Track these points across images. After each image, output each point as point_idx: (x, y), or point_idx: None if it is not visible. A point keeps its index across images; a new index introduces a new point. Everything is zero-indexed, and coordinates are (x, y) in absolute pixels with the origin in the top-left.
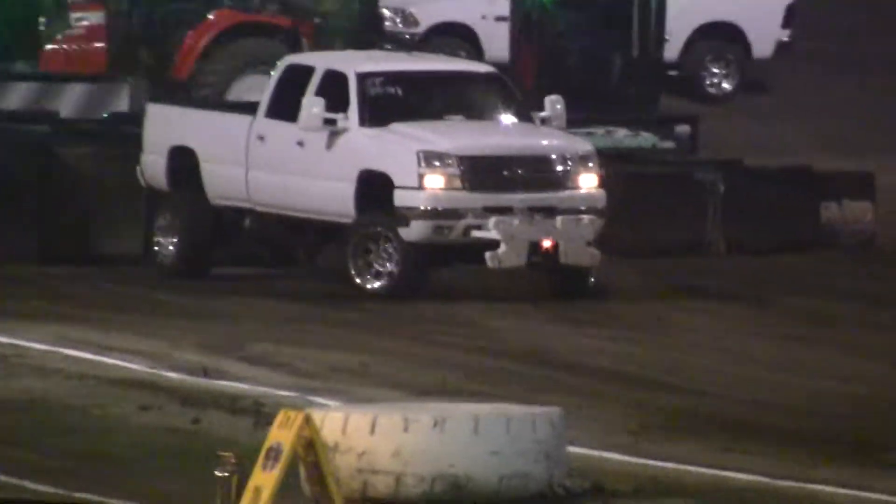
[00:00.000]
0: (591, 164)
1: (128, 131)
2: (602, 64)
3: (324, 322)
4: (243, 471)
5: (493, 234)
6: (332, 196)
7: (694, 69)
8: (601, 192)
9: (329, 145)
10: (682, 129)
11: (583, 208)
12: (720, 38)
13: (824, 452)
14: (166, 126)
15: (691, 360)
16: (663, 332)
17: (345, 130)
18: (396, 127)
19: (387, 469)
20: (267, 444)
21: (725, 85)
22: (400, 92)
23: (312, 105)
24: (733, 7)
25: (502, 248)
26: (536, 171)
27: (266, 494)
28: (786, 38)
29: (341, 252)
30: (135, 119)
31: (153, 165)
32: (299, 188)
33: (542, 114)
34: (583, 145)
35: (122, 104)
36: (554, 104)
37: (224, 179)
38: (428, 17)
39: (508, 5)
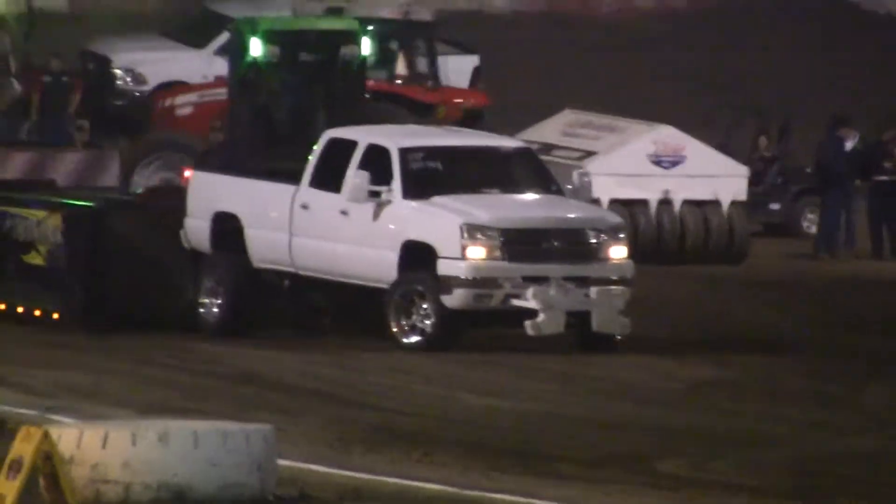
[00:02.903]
0: (621, 236)
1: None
2: (309, 120)
3: (58, 346)
4: None
5: (531, 303)
6: (376, 263)
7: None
8: (630, 263)
9: (374, 216)
10: None
11: (614, 278)
12: None
13: (501, 463)
14: (210, 192)
15: (386, 382)
16: (362, 357)
17: (388, 202)
18: (438, 200)
19: (117, 479)
20: (10, 457)
21: None
22: (439, 166)
23: (357, 178)
24: None
25: (541, 317)
26: (571, 243)
27: (9, 501)
28: None
29: (377, 311)
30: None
31: (197, 229)
32: (343, 255)
33: (570, 186)
34: (613, 218)
35: (112, 172)
36: (581, 177)
37: (267, 244)
38: (155, 76)
39: (228, 66)
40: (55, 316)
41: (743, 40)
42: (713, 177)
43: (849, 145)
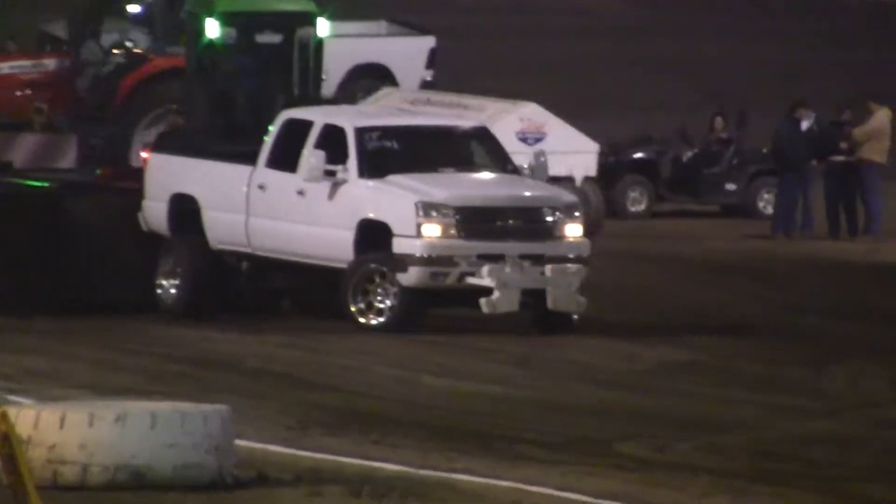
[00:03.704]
0: (576, 214)
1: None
2: (266, 102)
3: (17, 330)
4: None
5: (486, 281)
6: (333, 243)
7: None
8: (586, 241)
9: (329, 195)
10: None
11: (570, 256)
12: (372, 77)
13: (461, 445)
14: (168, 174)
15: (346, 363)
16: (321, 339)
17: (344, 181)
18: (394, 178)
19: (74, 460)
20: None
21: None
22: (395, 145)
23: (313, 157)
24: (383, 50)
25: (496, 294)
26: (527, 221)
27: None
28: (429, 78)
29: (336, 292)
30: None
31: (155, 211)
32: (300, 235)
33: (527, 166)
34: (568, 196)
35: (71, 155)
36: (538, 157)
37: (225, 225)
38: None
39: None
40: None
41: (705, 26)
42: (568, 153)
43: (804, 126)
